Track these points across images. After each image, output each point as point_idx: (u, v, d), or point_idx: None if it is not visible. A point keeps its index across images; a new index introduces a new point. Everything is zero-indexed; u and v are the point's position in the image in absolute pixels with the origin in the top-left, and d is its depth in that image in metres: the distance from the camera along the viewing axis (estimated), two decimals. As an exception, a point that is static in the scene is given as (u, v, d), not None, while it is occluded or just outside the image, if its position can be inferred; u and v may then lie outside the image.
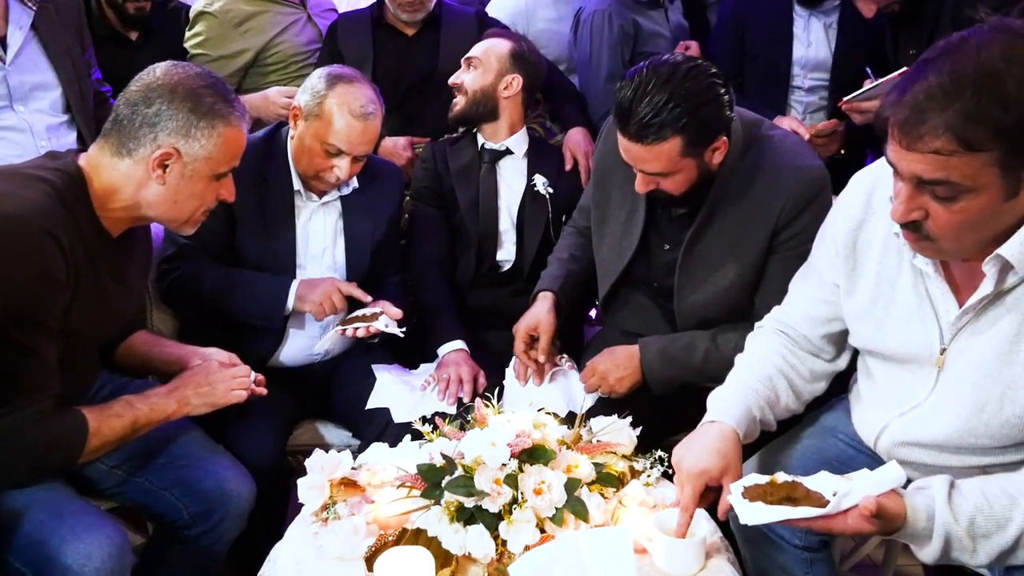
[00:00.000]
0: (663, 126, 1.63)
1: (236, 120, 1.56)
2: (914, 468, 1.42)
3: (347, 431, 2.11)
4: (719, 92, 1.68)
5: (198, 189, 1.56)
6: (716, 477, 1.39)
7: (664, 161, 1.68)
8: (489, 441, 1.41)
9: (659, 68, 1.66)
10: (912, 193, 1.20)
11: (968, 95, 1.10)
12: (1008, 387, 1.27)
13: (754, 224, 1.80)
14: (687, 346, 1.89)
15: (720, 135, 1.71)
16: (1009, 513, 1.22)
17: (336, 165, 1.98)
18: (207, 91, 1.53)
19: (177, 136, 1.51)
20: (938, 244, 1.23)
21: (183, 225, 1.61)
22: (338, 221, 2.13)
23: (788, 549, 1.56)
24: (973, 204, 1.16)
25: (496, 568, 1.37)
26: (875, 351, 1.47)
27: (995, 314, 1.28)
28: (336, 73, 2.02)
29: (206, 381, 1.65)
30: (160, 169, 1.51)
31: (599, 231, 2.03)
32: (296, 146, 2.03)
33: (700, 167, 1.73)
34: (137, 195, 1.53)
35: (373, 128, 1.99)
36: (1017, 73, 1.10)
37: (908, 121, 1.15)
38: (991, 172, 1.14)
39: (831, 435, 1.61)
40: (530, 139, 2.46)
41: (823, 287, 1.54)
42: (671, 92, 1.62)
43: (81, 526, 1.43)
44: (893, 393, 1.44)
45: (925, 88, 1.13)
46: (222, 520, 1.67)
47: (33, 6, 2.11)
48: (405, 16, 2.60)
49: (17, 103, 2.10)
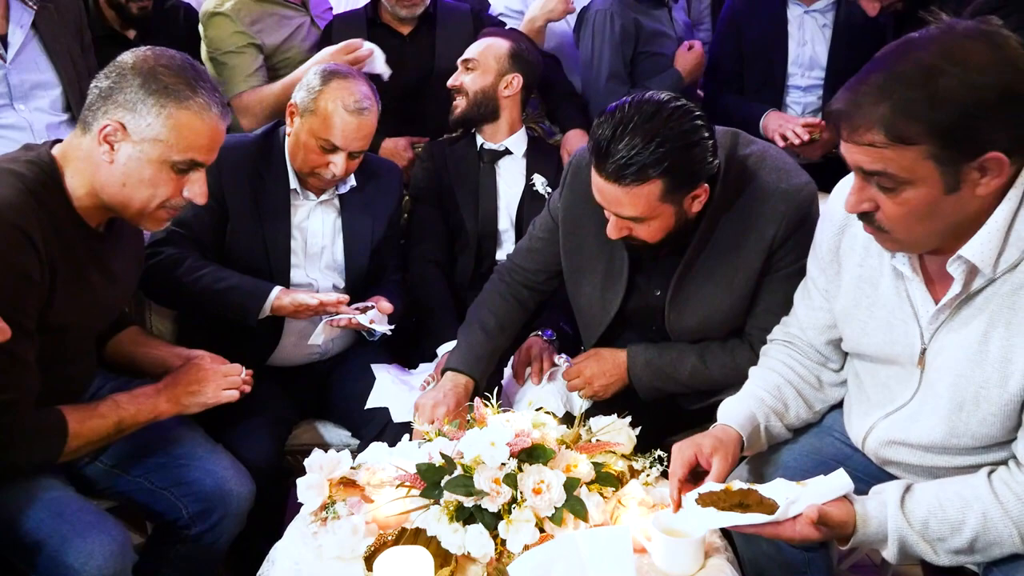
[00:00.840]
0: (644, 167, 1.53)
1: (194, 105, 1.46)
2: (902, 468, 1.44)
3: (346, 431, 2.11)
4: (703, 136, 1.58)
5: (148, 175, 1.47)
6: (707, 454, 1.42)
7: (642, 205, 1.58)
8: (488, 441, 1.41)
9: (642, 106, 1.56)
10: (860, 184, 1.25)
11: (900, 91, 1.15)
12: (980, 387, 1.29)
13: (748, 250, 1.73)
14: (674, 360, 1.85)
15: (701, 182, 1.61)
16: (962, 516, 1.25)
17: (332, 161, 1.98)
18: (167, 71, 1.46)
19: (124, 110, 1.44)
20: (892, 236, 1.27)
21: (140, 216, 1.52)
22: (337, 219, 2.13)
23: (786, 548, 1.56)
24: (913, 196, 1.20)
25: (495, 568, 1.37)
26: (861, 353, 1.49)
27: (967, 314, 1.30)
28: (331, 69, 2.02)
29: (196, 380, 1.64)
30: (107, 144, 1.45)
31: (575, 281, 1.91)
32: (292, 143, 2.04)
33: (678, 215, 1.63)
34: (95, 176, 1.48)
35: (368, 124, 1.99)
36: (953, 72, 1.13)
37: (846, 114, 1.20)
38: (927, 165, 1.17)
39: (828, 434, 1.62)
40: (529, 139, 2.46)
41: (818, 294, 1.57)
42: (655, 132, 1.52)
43: (83, 525, 1.43)
44: (879, 394, 1.46)
45: (866, 84, 1.19)
46: (221, 520, 1.67)
47: (34, 5, 2.11)
48: (403, 12, 2.60)
49: (17, 101, 2.11)
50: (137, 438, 1.67)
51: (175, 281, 1.93)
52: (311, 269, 2.09)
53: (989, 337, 1.27)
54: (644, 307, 1.87)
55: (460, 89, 2.37)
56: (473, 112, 2.37)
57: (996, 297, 1.26)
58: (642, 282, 1.86)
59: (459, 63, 2.39)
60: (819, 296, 1.56)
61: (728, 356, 1.83)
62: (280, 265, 2.05)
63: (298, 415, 2.12)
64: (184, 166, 1.49)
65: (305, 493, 1.48)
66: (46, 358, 1.48)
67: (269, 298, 1.92)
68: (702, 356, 1.84)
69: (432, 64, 2.61)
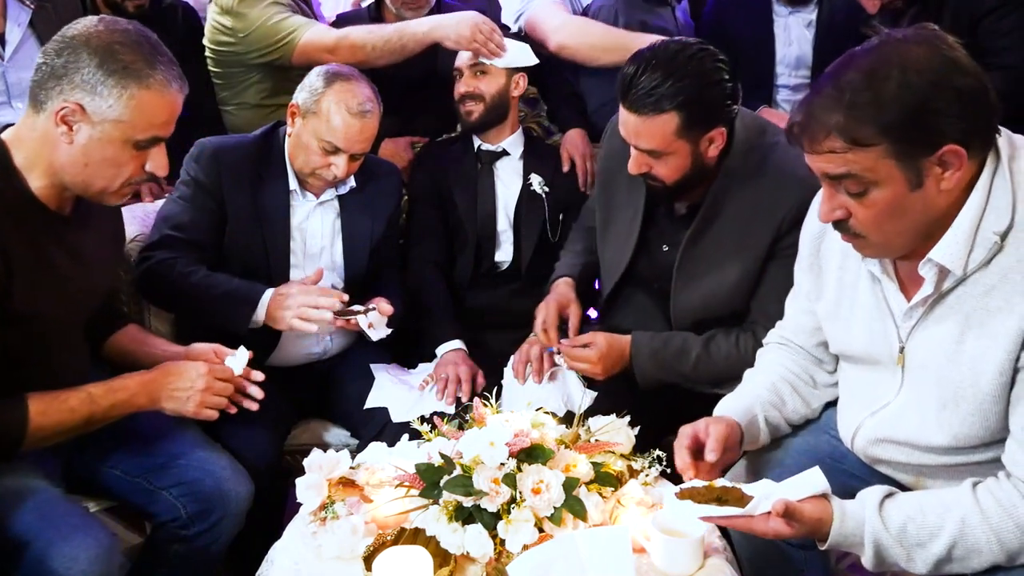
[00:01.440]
0: (661, 98, 1.64)
1: (155, 84, 1.42)
2: (892, 467, 1.45)
3: (345, 431, 2.11)
4: (723, 78, 1.68)
5: (110, 154, 1.43)
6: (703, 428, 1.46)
7: (659, 138, 1.69)
8: (487, 440, 1.41)
9: (668, 46, 1.68)
10: (830, 193, 1.30)
11: (847, 97, 1.21)
12: (958, 386, 1.30)
13: (756, 230, 1.79)
14: (679, 351, 1.89)
15: (718, 124, 1.71)
16: (941, 522, 1.25)
17: (333, 163, 1.98)
18: (125, 48, 1.40)
19: (82, 92, 1.39)
20: (868, 240, 1.31)
21: (102, 195, 1.49)
22: (336, 220, 2.13)
23: (783, 547, 1.56)
24: (880, 197, 1.24)
25: (494, 567, 1.37)
26: (845, 354, 1.51)
27: (940, 313, 1.32)
28: (334, 71, 2.02)
29: (182, 385, 1.60)
30: (65, 126, 1.40)
31: (603, 232, 2.04)
32: (293, 143, 2.03)
33: (694, 155, 1.73)
34: (52, 157, 1.43)
35: (370, 126, 1.99)
36: (894, 74, 1.19)
37: (804, 126, 1.26)
38: (887, 163, 1.21)
39: (823, 432, 1.63)
40: (525, 138, 2.46)
41: (803, 298, 1.59)
42: (675, 68, 1.64)
43: (68, 528, 1.41)
44: (865, 393, 1.47)
45: (818, 96, 1.25)
46: (220, 520, 1.67)
47: (31, 4, 2.11)
48: (408, 14, 2.59)
49: (15, 100, 2.11)
50: (135, 438, 1.67)
51: (167, 286, 1.93)
52: (310, 270, 2.08)
53: (964, 337, 1.29)
54: (651, 264, 1.95)
55: (475, 94, 2.35)
56: (490, 116, 2.37)
57: (969, 298, 1.28)
58: (653, 237, 1.93)
59: (465, 68, 2.36)
60: (804, 300, 1.59)
61: (732, 346, 1.85)
62: (279, 266, 2.05)
63: (297, 415, 2.12)
64: (146, 143, 1.46)
65: (304, 493, 1.48)
66: (23, 350, 1.45)
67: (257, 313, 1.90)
68: (707, 346, 1.87)
69: (434, 65, 2.60)
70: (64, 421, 1.48)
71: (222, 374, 1.66)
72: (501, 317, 2.36)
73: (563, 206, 2.40)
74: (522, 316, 2.17)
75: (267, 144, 2.08)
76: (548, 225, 2.39)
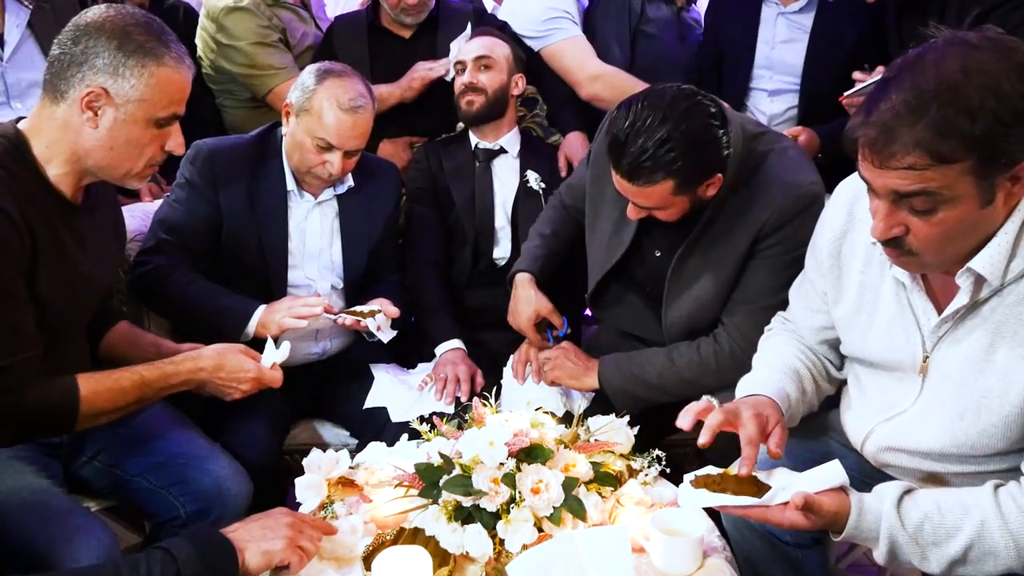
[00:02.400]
0: (655, 170, 1.58)
1: (170, 61, 1.48)
2: (901, 472, 1.43)
3: (345, 430, 2.11)
4: (716, 134, 1.62)
5: (135, 135, 1.48)
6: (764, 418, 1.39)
7: (655, 199, 1.66)
8: (487, 440, 1.41)
9: (656, 104, 1.59)
10: (890, 209, 1.21)
11: (934, 109, 1.12)
12: (983, 396, 1.28)
13: (738, 237, 1.76)
14: (643, 363, 1.87)
15: (715, 174, 1.66)
16: (960, 523, 1.23)
17: (328, 160, 1.97)
18: (138, 29, 1.46)
19: (105, 75, 1.43)
20: (920, 258, 1.25)
21: (127, 177, 1.53)
22: (335, 220, 2.13)
23: (779, 546, 1.57)
24: (952, 214, 1.18)
25: (494, 567, 1.37)
26: (862, 358, 1.49)
27: (971, 324, 1.29)
28: (326, 68, 2.01)
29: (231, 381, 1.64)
30: (91, 111, 1.44)
31: (591, 225, 2.02)
32: (288, 143, 2.03)
33: (693, 200, 1.70)
34: (76, 144, 1.46)
35: (363, 121, 1.98)
36: (978, 83, 1.12)
37: (878, 141, 1.16)
38: (967, 181, 1.15)
39: (824, 433, 1.62)
40: (523, 137, 2.47)
41: (816, 296, 1.56)
42: (667, 134, 1.57)
43: (69, 528, 1.41)
44: (880, 399, 1.45)
45: (890, 107, 1.15)
46: (219, 519, 1.66)
47: (29, 5, 2.11)
48: (408, 19, 2.59)
49: (14, 100, 2.12)
50: (135, 438, 1.67)
51: (161, 295, 1.94)
52: (309, 270, 2.09)
53: (994, 347, 1.27)
54: (643, 266, 1.93)
55: (477, 87, 2.36)
56: (490, 109, 2.37)
57: (1001, 307, 1.26)
58: (646, 241, 1.91)
59: (470, 61, 2.37)
60: (817, 299, 1.56)
61: (694, 352, 1.83)
62: (277, 266, 2.05)
63: (296, 415, 2.12)
64: (166, 121, 1.51)
65: (303, 493, 1.48)
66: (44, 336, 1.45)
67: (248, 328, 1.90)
68: (670, 355, 1.86)
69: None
70: (116, 399, 1.50)
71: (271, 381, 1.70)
72: (500, 316, 2.34)
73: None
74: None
75: (264, 144, 2.08)
76: (546, 222, 2.39)
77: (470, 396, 1.99)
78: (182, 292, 1.92)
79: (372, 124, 2.02)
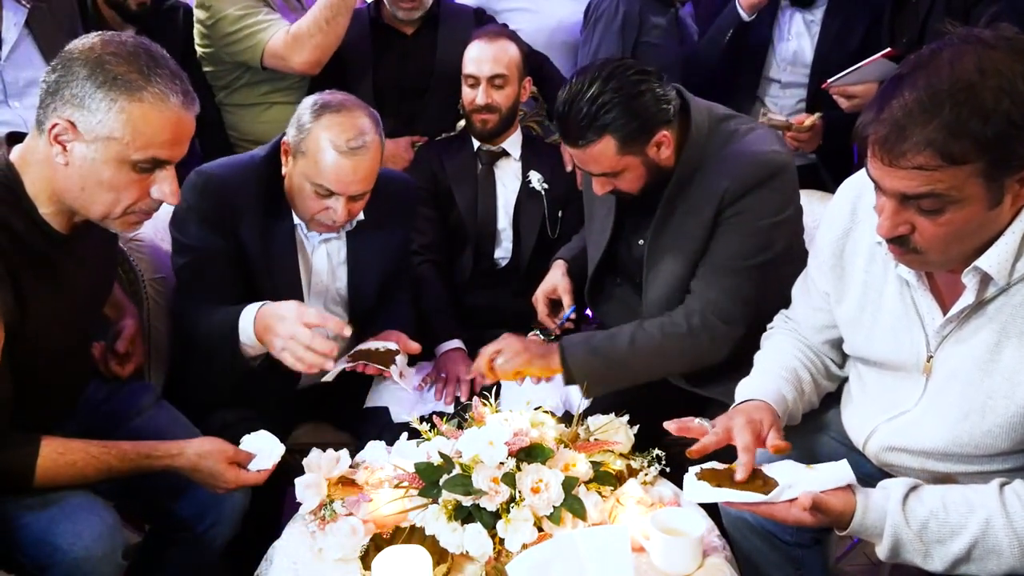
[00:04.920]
0: (592, 127, 1.66)
1: (150, 96, 1.32)
2: (903, 473, 1.42)
3: (345, 430, 2.10)
4: (648, 87, 1.69)
5: (106, 176, 1.33)
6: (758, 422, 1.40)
7: (604, 161, 1.71)
8: (487, 440, 1.41)
9: (585, 73, 1.70)
10: (897, 208, 1.20)
11: (947, 109, 1.11)
12: (988, 397, 1.28)
13: (701, 210, 1.76)
14: (611, 334, 1.82)
15: (658, 129, 1.71)
16: (965, 521, 1.22)
17: (330, 207, 1.77)
18: (117, 59, 1.31)
19: (71, 107, 1.30)
20: (925, 257, 1.24)
21: (105, 220, 1.40)
22: (341, 255, 1.97)
23: (779, 545, 1.57)
24: (959, 215, 1.17)
25: (494, 567, 1.37)
26: (865, 358, 1.48)
27: (977, 324, 1.29)
28: (323, 102, 1.78)
29: (212, 483, 1.53)
30: (59, 145, 1.32)
31: (588, 226, 2.06)
32: (288, 185, 1.84)
33: (647, 163, 1.73)
34: (53, 180, 1.35)
35: (366, 164, 1.76)
36: (993, 84, 1.10)
37: (888, 139, 1.14)
38: (976, 183, 1.14)
39: (824, 433, 1.62)
40: (524, 138, 2.46)
41: (817, 295, 1.56)
42: (595, 95, 1.66)
43: (71, 507, 1.39)
44: (882, 398, 1.45)
45: (902, 104, 1.13)
46: (215, 524, 1.66)
47: (27, 3, 2.11)
48: (402, 14, 2.59)
49: (12, 99, 2.11)
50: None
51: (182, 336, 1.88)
52: (315, 307, 1.92)
53: (1000, 348, 1.26)
54: (630, 258, 1.96)
55: (493, 107, 2.32)
56: (504, 126, 2.37)
57: (1008, 307, 1.25)
58: (629, 231, 1.95)
59: (484, 79, 2.30)
60: (819, 297, 1.56)
61: (666, 318, 1.80)
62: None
63: (297, 415, 2.11)
64: (147, 165, 1.36)
65: (303, 492, 1.48)
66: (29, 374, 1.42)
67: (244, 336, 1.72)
68: (640, 323, 1.82)
69: (432, 64, 2.60)
70: (75, 482, 1.43)
71: (255, 480, 1.56)
72: (501, 316, 2.36)
73: (562, 203, 2.40)
74: (522, 315, 2.18)
75: (271, 171, 1.86)
76: (547, 222, 2.39)
77: (470, 396, 1.99)
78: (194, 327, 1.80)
79: (379, 162, 1.81)
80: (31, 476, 1.38)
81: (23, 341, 1.38)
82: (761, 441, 1.37)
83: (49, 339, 1.45)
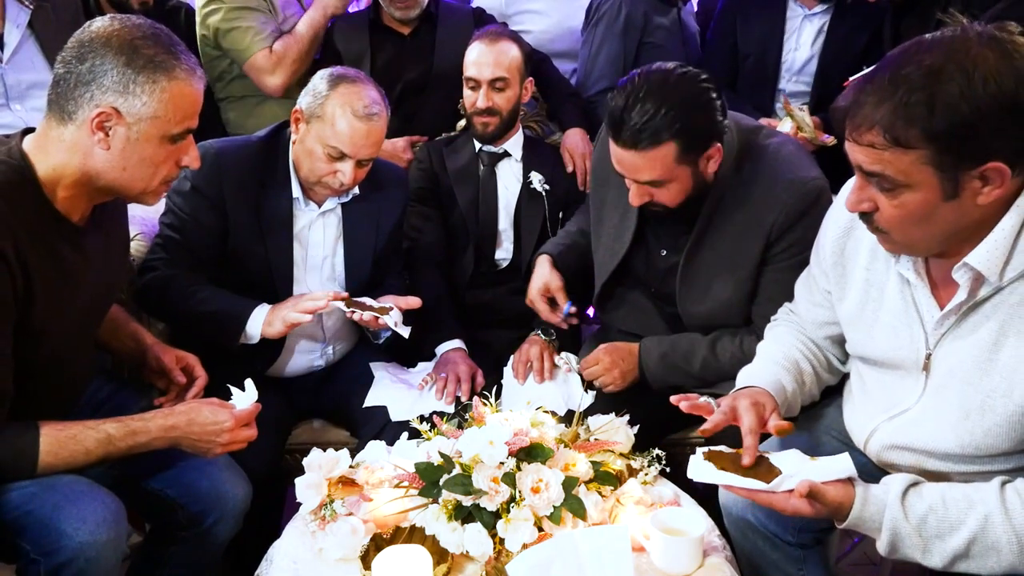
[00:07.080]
0: (657, 131, 1.61)
1: (182, 73, 1.41)
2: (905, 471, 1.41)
3: (345, 430, 2.10)
4: (711, 97, 1.66)
5: (148, 153, 1.42)
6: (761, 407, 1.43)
7: (659, 168, 1.66)
8: (487, 439, 1.41)
9: (650, 75, 1.65)
10: (861, 183, 1.26)
11: (900, 94, 1.14)
12: (987, 395, 1.28)
13: (748, 237, 1.78)
14: (687, 354, 1.90)
15: (714, 142, 1.69)
16: (964, 517, 1.23)
17: (339, 170, 1.90)
18: (146, 42, 1.38)
19: (114, 94, 1.36)
20: (890, 237, 1.28)
21: (142, 195, 1.48)
22: (338, 229, 2.06)
23: (781, 545, 1.56)
24: (911, 200, 1.20)
25: (494, 566, 1.37)
26: (866, 356, 1.49)
27: (975, 321, 1.29)
28: (339, 73, 1.94)
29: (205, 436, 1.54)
30: (101, 132, 1.38)
31: (596, 230, 2.04)
32: (298, 150, 1.96)
33: (695, 176, 1.71)
34: (85, 165, 1.40)
35: (378, 130, 1.91)
36: (957, 79, 1.12)
37: (849, 112, 1.20)
38: (925, 170, 1.17)
39: (824, 432, 1.62)
40: (525, 138, 2.46)
41: (818, 292, 1.58)
42: (663, 98, 1.61)
43: (75, 494, 1.39)
44: (883, 397, 1.45)
45: (871, 83, 1.19)
46: (217, 521, 1.66)
47: (30, 5, 2.11)
48: (398, 13, 2.59)
49: (14, 101, 2.11)
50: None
51: (165, 302, 1.91)
52: (311, 281, 2.04)
53: (998, 346, 1.26)
54: (648, 266, 1.95)
55: (494, 110, 2.32)
56: (505, 128, 2.36)
57: (1005, 306, 1.25)
58: (651, 239, 1.94)
59: (484, 82, 2.29)
60: (818, 294, 1.57)
61: (737, 347, 1.86)
62: (283, 277, 1.99)
63: (297, 416, 2.11)
64: (180, 136, 1.45)
65: (304, 492, 1.48)
66: (31, 367, 1.43)
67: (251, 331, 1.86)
68: (713, 348, 1.88)
69: (432, 64, 2.60)
70: (77, 459, 1.44)
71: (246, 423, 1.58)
72: (501, 316, 2.37)
73: (563, 204, 2.40)
74: (522, 315, 2.18)
75: (270, 148, 2.00)
76: (548, 223, 2.39)
77: (470, 395, 1.99)
78: (183, 298, 1.89)
79: (384, 134, 1.95)
80: (35, 455, 1.40)
81: (29, 331, 1.40)
82: (764, 423, 1.40)
83: (54, 332, 1.46)
